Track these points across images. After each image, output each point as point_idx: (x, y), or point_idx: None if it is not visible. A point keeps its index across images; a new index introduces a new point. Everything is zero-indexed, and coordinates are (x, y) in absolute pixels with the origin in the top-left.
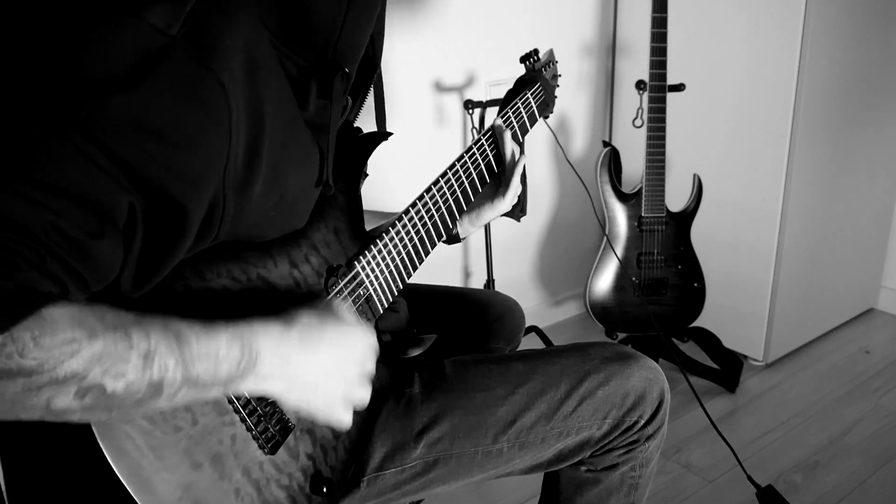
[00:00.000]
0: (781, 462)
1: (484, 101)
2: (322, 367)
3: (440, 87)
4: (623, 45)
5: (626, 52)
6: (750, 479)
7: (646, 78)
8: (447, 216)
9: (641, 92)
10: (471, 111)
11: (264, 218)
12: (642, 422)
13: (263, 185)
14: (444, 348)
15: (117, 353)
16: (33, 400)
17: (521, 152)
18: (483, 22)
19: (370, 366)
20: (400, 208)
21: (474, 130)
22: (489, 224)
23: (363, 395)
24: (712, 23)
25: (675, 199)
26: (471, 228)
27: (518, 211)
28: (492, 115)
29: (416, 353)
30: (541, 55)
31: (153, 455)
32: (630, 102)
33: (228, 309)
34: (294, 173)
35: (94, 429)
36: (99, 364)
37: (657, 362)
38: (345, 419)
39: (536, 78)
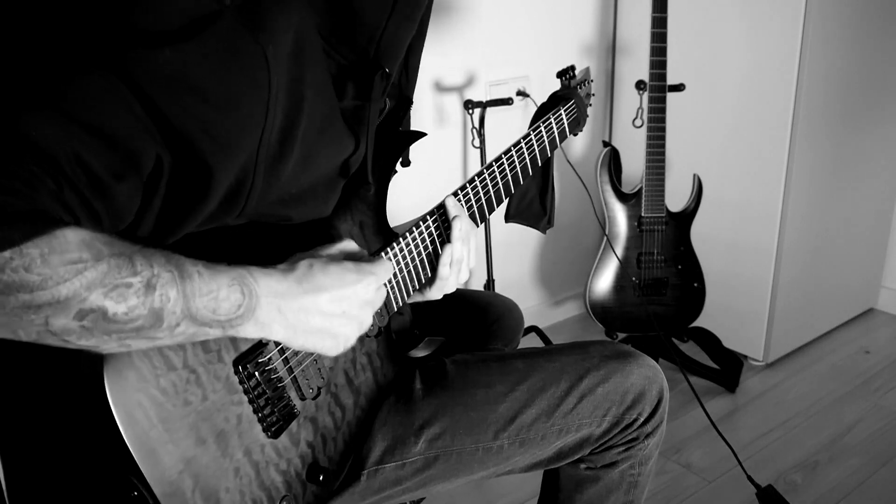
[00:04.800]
0: (781, 462)
1: (484, 101)
2: (323, 312)
3: (440, 87)
4: (623, 45)
5: (626, 52)
6: (750, 479)
7: (646, 78)
8: (477, 216)
9: (641, 92)
10: (471, 111)
11: (291, 199)
12: (641, 419)
13: (295, 165)
14: (443, 349)
15: (121, 277)
16: (32, 316)
17: (550, 169)
18: (483, 22)
19: (379, 296)
20: (399, 206)
21: (474, 130)
22: (489, 224)
23: (368, 322)
24: (712, 23)
25: (675, 199)
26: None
27: (545, 223)
28: (492, 115)
29: (422, 354)
30: (577, 72)
31: (162, 426)
32: (630, 102)
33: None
34: (326, 160)
35: (108, 393)
36: (101, 286)
37: (657, 362)
38: (349, 345)
39: (571, 95)
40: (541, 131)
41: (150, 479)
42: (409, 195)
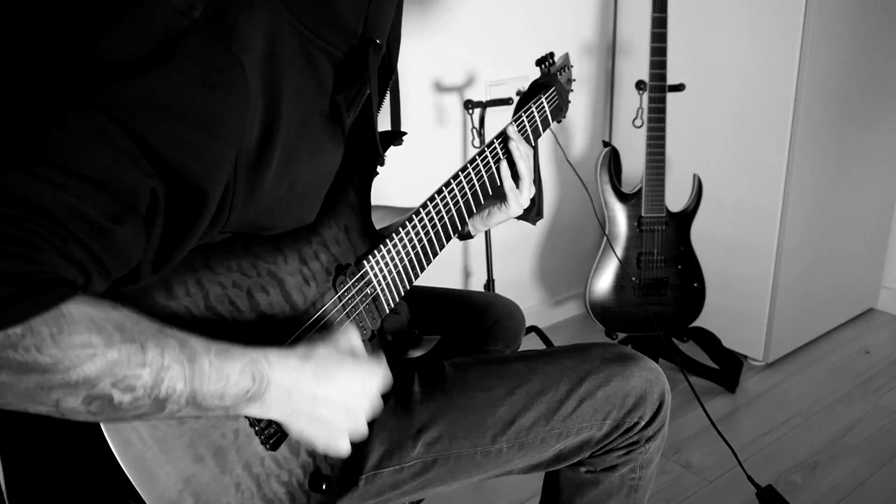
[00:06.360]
0: (781, 462)
1: (484, 101)
2: (331, 403)
3: (440, 87)
4: (623, 45)
5: (626, 52)
6: (750, 479)
7: (646, 78)
8: (456, 219)
9: (641, 92)
10: (471, 111)
11: (274, 206)
12: (643, 423)
13: (276, 172)
14: (443, 350)
15: (130, 368)
16: (44, 397)
17: (535, 159)
18: (483, 22)
19: (378, 401)
20: (398, 206)
21: (474, 130)
22: None
23: (364, 429)
24: (712, 23)
25: (675, 199)
26: (481, 228)
27: (534, 214)
28: (492, 115)
29: (418, 353)
30: (556, 59)
31: (158, 448)
32: (630, 102)
33: (237, 306)
34: (308, 163)
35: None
36: (111, 375)
37: (657, 362)
38: (344, 450)
39: (551, 82)
40: (523, 121)
41: (149, 501)
42: (408, 195)
